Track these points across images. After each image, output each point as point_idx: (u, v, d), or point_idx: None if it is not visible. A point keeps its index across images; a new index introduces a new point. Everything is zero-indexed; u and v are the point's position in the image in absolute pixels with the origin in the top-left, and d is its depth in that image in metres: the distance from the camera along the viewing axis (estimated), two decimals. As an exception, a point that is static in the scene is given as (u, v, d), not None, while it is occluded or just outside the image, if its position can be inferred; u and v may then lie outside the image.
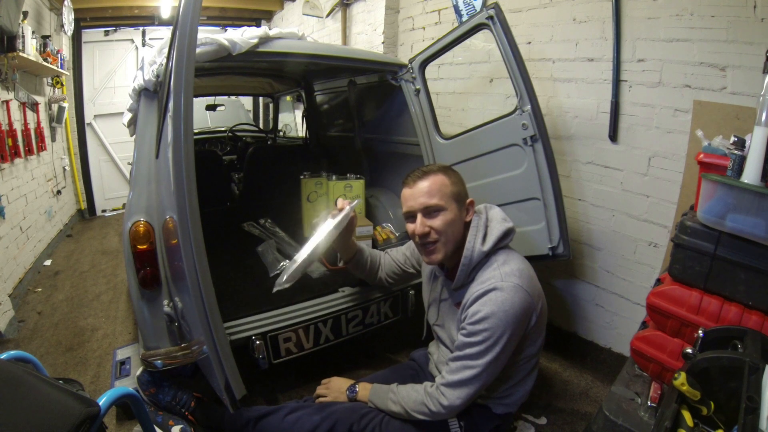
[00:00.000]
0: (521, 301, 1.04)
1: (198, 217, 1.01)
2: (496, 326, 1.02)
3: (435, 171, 1.16)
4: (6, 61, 2.63)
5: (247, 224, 2.55)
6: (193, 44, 0.98)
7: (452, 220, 1.13)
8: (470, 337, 1.06)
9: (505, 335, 1.03)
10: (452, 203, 1.14)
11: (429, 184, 1.13)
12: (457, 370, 1.08)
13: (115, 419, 1.57)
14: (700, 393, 0.87)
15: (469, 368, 1.06)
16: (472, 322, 1.05)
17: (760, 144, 1.02)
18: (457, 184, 1.17)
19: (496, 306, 1.03)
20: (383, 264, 1.53)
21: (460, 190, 1.17)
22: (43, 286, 2.90)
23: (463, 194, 1.17)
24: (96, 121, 5.01)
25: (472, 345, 1.05)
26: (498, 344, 1.03)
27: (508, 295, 1.04)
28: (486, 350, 1.04)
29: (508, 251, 1.16)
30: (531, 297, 1.07)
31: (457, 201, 1.15)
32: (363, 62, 1.96)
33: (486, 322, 1.03)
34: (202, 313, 1.04)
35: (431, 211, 1.13)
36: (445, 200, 1.13)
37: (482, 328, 1.03)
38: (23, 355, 1.01)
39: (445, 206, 1.12)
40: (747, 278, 1.04)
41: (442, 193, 1.12)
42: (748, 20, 1.37)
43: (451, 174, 1.17)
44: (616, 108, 1.74)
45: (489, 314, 1.03)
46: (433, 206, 1.12)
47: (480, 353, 1.04)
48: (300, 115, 3.68)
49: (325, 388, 1.36)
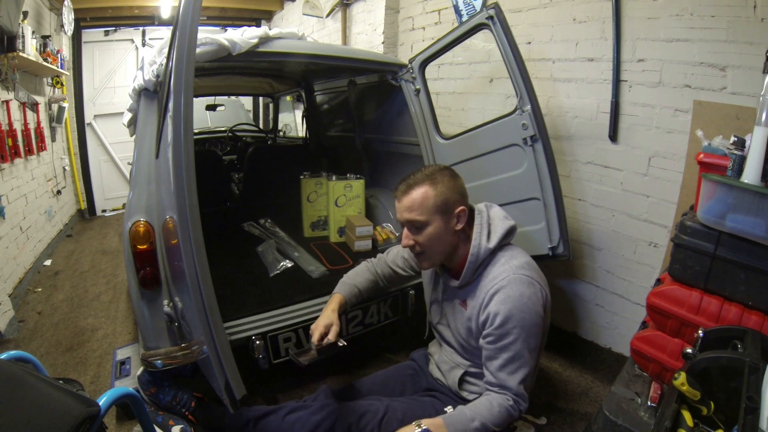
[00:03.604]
0: (535, 292, 1.06)
1: (198, 217, 1.01)
2: (522, 321, 1.04)
3: (420, 182, 1.13)
4: (6, 61, 2.63)
5: (247, 224, 2.55)
6: (193, 44, 0.98)
7: (436, 234, 1.12)
8: (502, 341, 1.05)
9: (532, 326, 1.05)
10: (435, 216, 1.11)
11: (411, 199, 1.12)
12: (512, 377, 1.05)
13: (115, 419, 1.57)
14: (700, 393, 0.87)
15: (521, 369, 1.05)
16: (497, 326, 1.05)
17: (760, 144, 1.02)
18: (444, 194, 1.12)
19: (515, 301, 1.04)
20: (381, 274, 1.48)
21: (447, 198, 1.12)
22: (43, 286, 2.90)
23: (451, 202, 1.13)
24: (96, 121, 5.01)
25: (508, 347, 1.05)
26: (530, 336, 1.05)
27: (524, 288, 1.05)
28: (524, 346, 1.04)
29: (512, 248, 1.17)
30: (542, 286, 1.09)
31: (442, 212, 1.12)
32: (363, 62, 1.96)
33: (512, 321, 1.04)
34: (202, 313, 1.04)
35: (413, 226, 1.13)
36: (427, 215, 1.11)
37: (511, 327, 1.04)
38: (23, 355, 1.01)
39: (427, 221, 1.11)
40: (747, 278, 1.04)
41: (423, 208, 1.11)
42: (748, 20, 1.37)
43: (438, 183, 1.12)
44: (616, 108, 1.74)
45: (511, 312, 1.04)
46: (414, 222, 1.12)
47: (520, 352, 1.04)
48: (300, 115, 3.68)
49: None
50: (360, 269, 1.47)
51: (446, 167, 1.20)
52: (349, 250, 2.21)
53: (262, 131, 4.42)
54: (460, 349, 1.24)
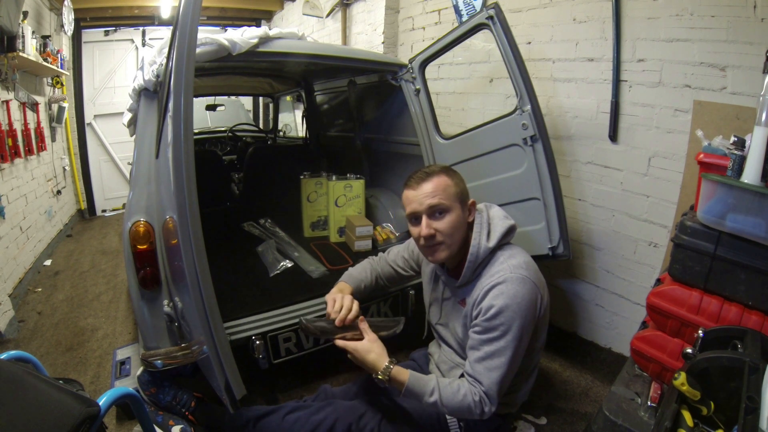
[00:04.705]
0: (530, 291, 1.05)
1: (198, 217, 1.01)
2: (512, 318, 1.03)
3: (437, 172, 1.15)
4: (6, 61, 2.63)
5: (247, 224, 2.55)
6: (193, 44, 0.98)
7: (457, 222, 1.13)
8: (488, 333, 1.05)
9: (521, 326, 1.03)
10: (456, 204, 1.13)
11: (433, 185, 1.12)
12: (485, 372, 1.05)
13: (115, 419, 1.57)
14: (700, 393, 0.87)
15: (496, 369, 1.04)
16: (488, 318, 1.04)
17: (760, 144, 1.02)
18: (459, 185, 1.16)
19: (509, 298, 1.03)
20: (381, 273, 1.49)
21: (462, 190, 1.16)
22: (43, 286, 2.90)
23: (465, 195, 1.17)
24: (96, 121, 5.01)
25: (491, 341, 1.04)
26: (516, 336, 1.03)
27: (519, 286, 1.04)
28: (506, 345, 1.03)
29: (512, 247, 1.17)
30: (538, 288, 1.08)
31: (460, 202, 1.14)
32: (363, 62, 1.96)
33: (501, 316, 1.03)
34: (202, 313, 1.04)
35: (436, 212, 1.12)
36: (450, 201, 1.12)
37: (499, 323, 1.03)
38: (23, 355, 1.01)
39: (450, 207, 1.12)
40: (747, 278, 1.04)
41: (446, 194, 1.12)
42: (748, 20, 1.37)
43: (452, 175, 1.17)
44: (616, 108, 1.74)
45: (503, 307, 1.03)
46: (438, 207, 1.11)
47: (501, 350, 1.03)
48: (300, 115, 3.68)
49: (353, 349, 1.17)
50: (362, 266, 1.48)
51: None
52: (349, 250, 2.21)
53: (262, 131, 4.42)
54: (459, 348, 1.24)
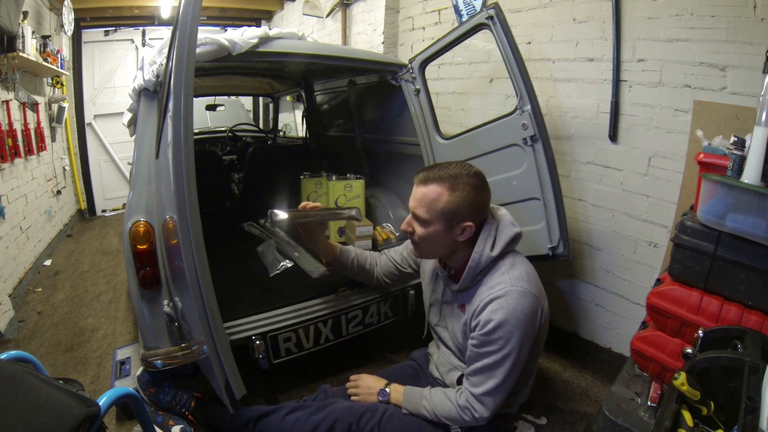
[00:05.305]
0: (530, 305, 1.04)
1: (198, 217, 1.01)
2: (510, 333, 1.02)
3: (440, 180, 1.08)
4: (6, 61, 2.63)
5: (247, 224, 2.55)
6: (193, 44, 0.98)
7: (433, 236, 1.11)
8: (486, 347, 1.05)
9: (520, 340, 1.03)
10: (438, 220, 1.09)
11: (423, 193, 1.10)
12: (480, 383, 1.07)
13: (115, 419, 1.57)
14: (700, 393, 0.87)
15: (492, 378, 1.05)
16: (485, 332, 1.04)
17: (760, 144, 1.02)
18: (456, 204, 1.07)
19: (508, 313, 1.02)
20: (380, 264, 1.52)
21: (457, 209, 1.07)
22: (43, 286, 2.90)
23: (460, 215, 1.08)
24: (96, 121, 5.01)
25: (489, 354, 1.05)
26: (515, 350, 1.03)
27: (519, 300, 1.03)
28: (504, 358, 1.03)
29: (515, 255, 1.15)
30: (539, 300, 1.07)
31: (446, 220, 1.08)
32: (363, 62, 1.96)
33: (500, 330, 1.02)
34: (202, 313, 1.04)
35: (416, 218, 1.13)
36: (431, 215, 1.09)
37: (497, 337, 1.03)
38: (23, 355, 1.01)
39: (429, 221, 1.10)
40: (747, 278, 1.04)
41: (429, 208, 1.09)
42: (748, 20, 1.37)
43: (457, 190, 1.07)
44: (616, 108, 1.74)
45: (502, 321, 1.02)
46: (417, 217, 1.12)
47: (498, 362, 1.04)
48: (300, 115, 3.68)
49: (354, 387, 1.34)
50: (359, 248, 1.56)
51: (478, 174, 1.12)
52: (349, 250, 2.21)
53: (262, 131, 4.42)
54: (457, 351, 1.24)
